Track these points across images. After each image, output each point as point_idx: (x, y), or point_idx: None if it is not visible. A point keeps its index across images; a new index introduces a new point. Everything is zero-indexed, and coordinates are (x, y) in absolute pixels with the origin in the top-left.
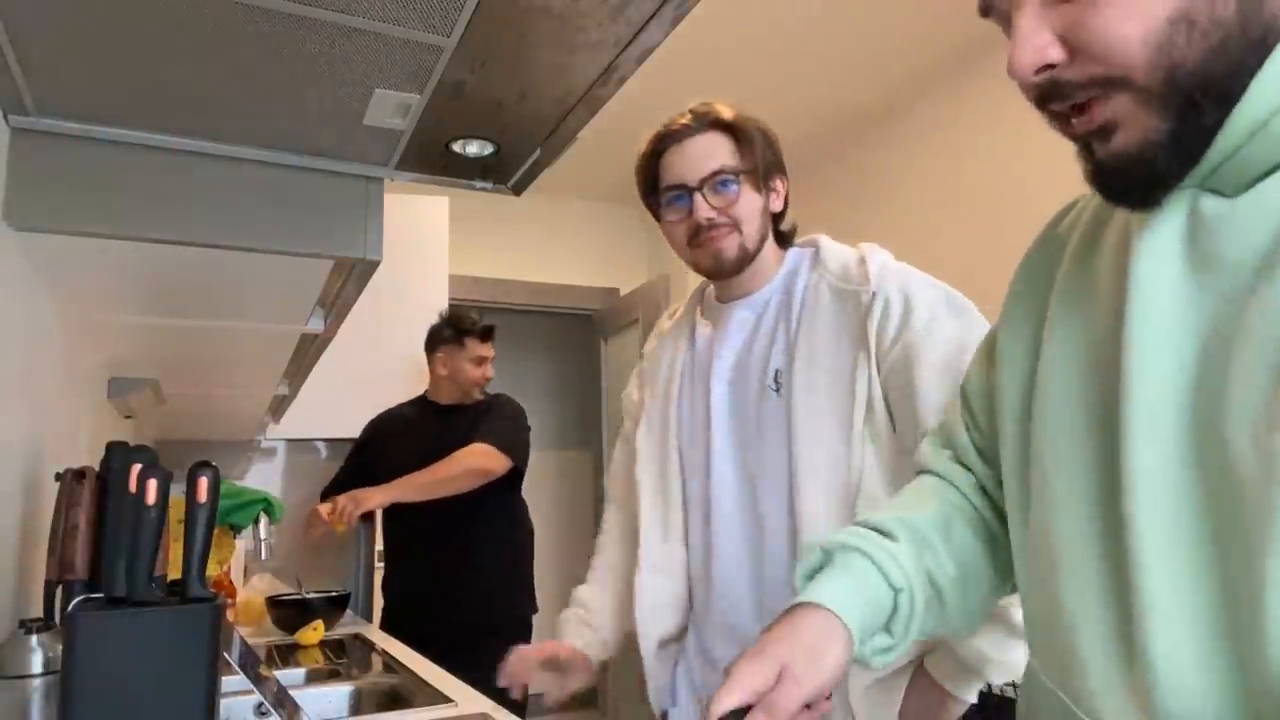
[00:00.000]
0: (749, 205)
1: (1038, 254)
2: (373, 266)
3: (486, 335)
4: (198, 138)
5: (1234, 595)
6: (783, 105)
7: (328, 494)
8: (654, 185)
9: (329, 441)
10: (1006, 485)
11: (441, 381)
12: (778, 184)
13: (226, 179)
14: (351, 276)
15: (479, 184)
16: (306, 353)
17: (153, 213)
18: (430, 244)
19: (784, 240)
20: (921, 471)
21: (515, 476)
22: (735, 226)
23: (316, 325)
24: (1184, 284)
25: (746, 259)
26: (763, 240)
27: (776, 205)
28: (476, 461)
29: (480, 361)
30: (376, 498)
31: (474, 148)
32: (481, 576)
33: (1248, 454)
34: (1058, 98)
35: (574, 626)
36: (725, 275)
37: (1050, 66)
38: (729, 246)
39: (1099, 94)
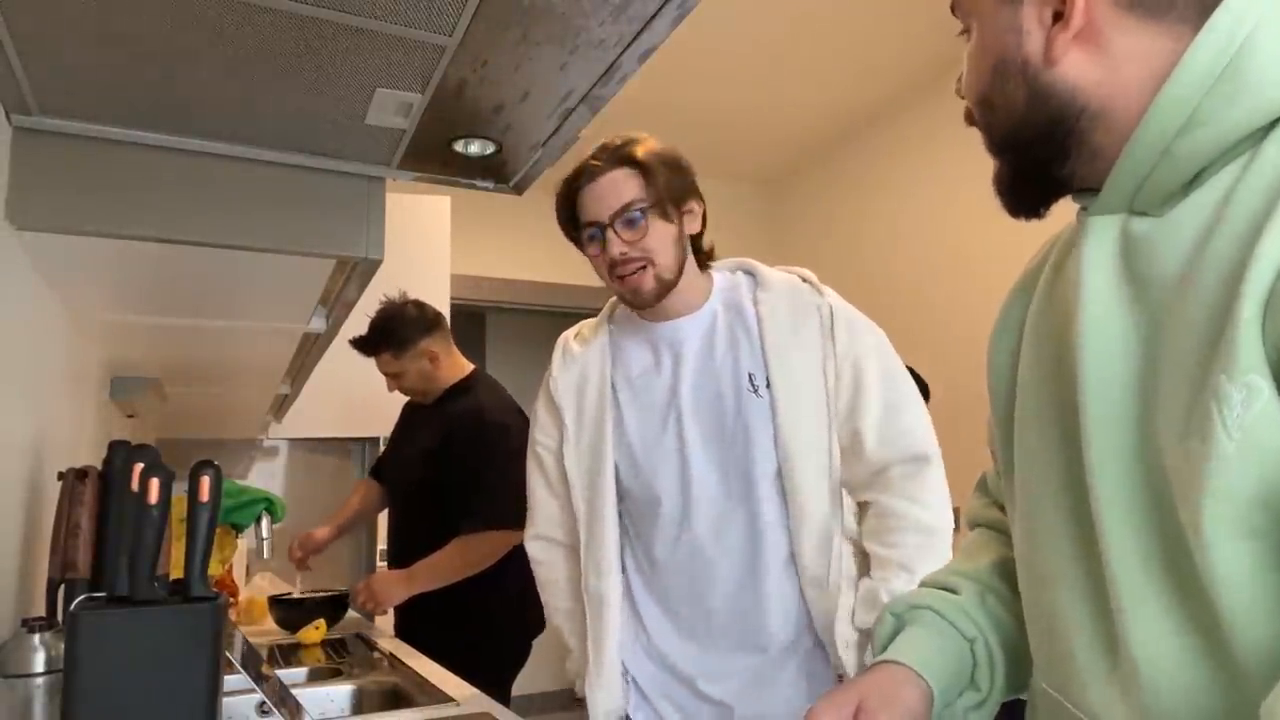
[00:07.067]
0: (659, 236)
1: (1021, 281)
2: (374, 266)
3: (357, 348)
4: (200, 137)
5: (1192, 589)
6: (783, 105)
7: (375, 472)
8: (575, 222)
9: (331, 441)
10: (1005, 499)
11: None
12: (693, 206)
13: (228, 178)
14: (353, 276)
15: (481, 183)
16: (308, 352)
17: (155, 212)
18: (432, 243)
19: (704, 259)
20: (972, 526)
21: None
22: (648, 261)
23: (318, 325)
24: (1122, 300)
25: (665, 289)
26: (681, 266)
27: (694, 227)
28: (483, 558)
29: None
30: (398, 594)
31: (476, 147)
32: (492, 598)
33: (1176, 460)
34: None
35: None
36: (646, 306)
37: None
38: (645, 282)
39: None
